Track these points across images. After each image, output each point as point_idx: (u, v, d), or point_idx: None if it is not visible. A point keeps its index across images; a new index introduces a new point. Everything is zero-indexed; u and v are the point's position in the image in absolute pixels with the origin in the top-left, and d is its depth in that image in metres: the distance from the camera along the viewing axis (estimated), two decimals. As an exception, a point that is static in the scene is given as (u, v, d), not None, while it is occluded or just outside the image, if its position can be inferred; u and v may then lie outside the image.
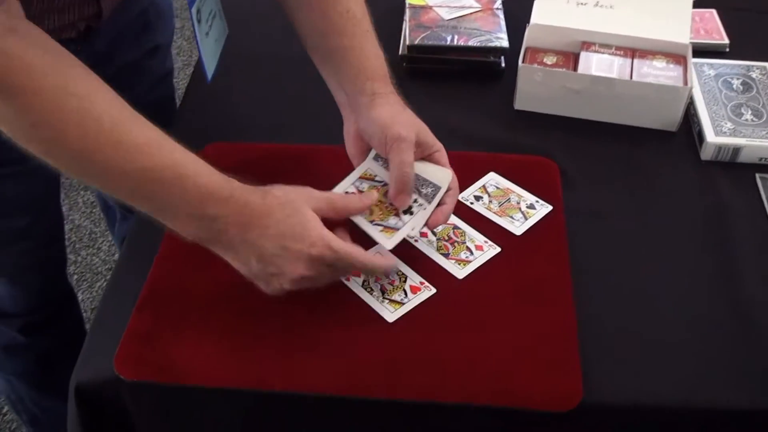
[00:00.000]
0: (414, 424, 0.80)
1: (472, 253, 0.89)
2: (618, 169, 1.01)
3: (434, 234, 0.91)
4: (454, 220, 0.92)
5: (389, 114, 0.84)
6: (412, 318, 0.82)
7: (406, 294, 0.85)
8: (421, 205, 0.84)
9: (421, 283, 0.86)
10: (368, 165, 0.86)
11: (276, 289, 0.78)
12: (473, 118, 1.07)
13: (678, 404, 0.77)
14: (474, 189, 0.96)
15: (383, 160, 0.87)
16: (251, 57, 1.17)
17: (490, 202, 0.95)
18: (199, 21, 0.91)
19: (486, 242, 0.90)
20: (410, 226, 0.79)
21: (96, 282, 1.82)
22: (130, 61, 1.02)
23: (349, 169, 0.94)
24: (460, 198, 0.95)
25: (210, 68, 0.96)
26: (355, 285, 0.85)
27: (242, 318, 0.82)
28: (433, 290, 0.85)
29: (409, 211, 0.84)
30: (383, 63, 0.88)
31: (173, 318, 0.82)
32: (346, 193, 0.85)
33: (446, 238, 0.91)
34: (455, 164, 0.98)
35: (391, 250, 0.84)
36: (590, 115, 1.07)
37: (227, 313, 0.83)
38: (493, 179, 0.98)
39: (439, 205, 0.85)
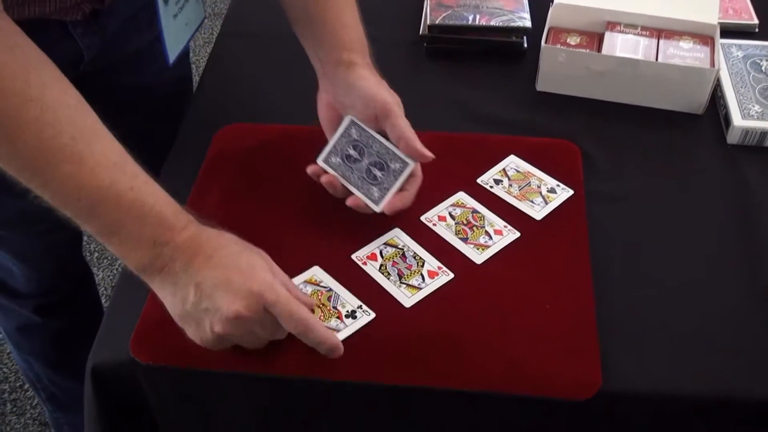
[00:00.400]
0: (430, 411, 0.80)
1: (490, 237, 0.88)
2: (641, 153, 1.00)
3: (453, 218, 0.90)
4: (473, 204, 0.92)
5: (373, 83, 0.87)
6: (429, 303, 0.82)
7: (423, 279, 0.84)
8: (384, 177, 0.85)
9: (439, 268, 0.85)
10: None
11: (204, 333, 0.72)
12: (494, 99, 1.06)
13: (699, 394, 0.76)
14: (494, 172, 0.95)
15: (359, 127, 0.88)
16: (270, 37, 1.17)
17: (510, 185, 0.94)
18: (165, 1, 0.90)
19: (505, 227, 0.89)
20: (350, 330, 0.79)
21: (116, 260, 1.82)
22: (145, 44, 1.01)
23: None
24: (479, 181, 0.94)
25: (173, 52, 0.95)
26: (371, 269, 0.85)
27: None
28: (451, 275, 0.85)
29: (374, 177, 0.86)
30: (362, 35, 0.89)
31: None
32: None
33: (465, 222, 0.90)
34: (475, 146, 0.98)
35: (405, 232, 0.83)
36: (614, 98, 1.06)
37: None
38: (513, 162, 0.97)
39: (400, 191, 0.86)
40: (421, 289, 0.83)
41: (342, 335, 0.78)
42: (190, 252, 0.72)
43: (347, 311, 0.81)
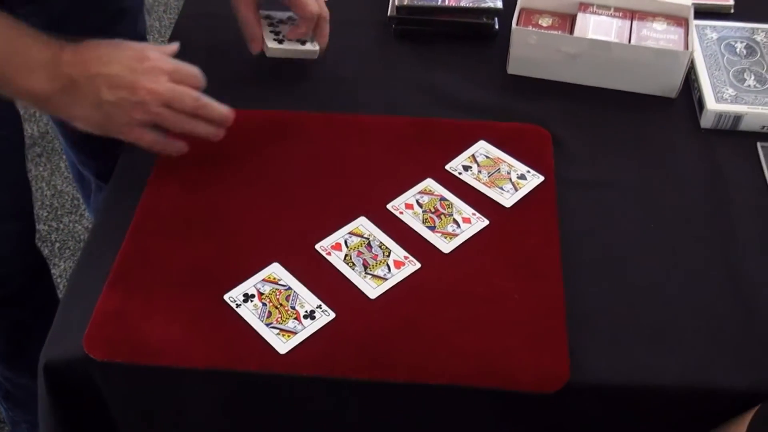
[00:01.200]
0: (396, 406, 0.79)
1: (459, 225, 0.87)
2: (614, 138, 0.99)
3: (420, 206, 0.89)
4: (441, 191, 0.91)
5: None
6: (395, 294, 0.81)
7: (389, 269, 0.83)
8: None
9: (405, 258, 0.84)
10: None
11: (130, 123, 0.82)
12: (464, 83, 1.05)
13: (669, 386, 0.76)
14: (463, 158, 0.94)
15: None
16: (233, 18, 1.14)
17: (479, 172, 0.93)
18: None
19: (474, 215, 0.88)
20: (307, 332, 0.78)
21: (78, 251, 1.80)
22: (94, 26, 0.99)
23: (338, 133, 0.96)
24: (447, 168, 0.93)
25: None
26: (336, 259, 0.84)
27: (215, 296, 0.81)
28: (418, 265, 0.84)
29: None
30: None
31: (146, 294, 0.81)
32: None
33: (432, 210, 0.89)
34: (443, 132, 0.97)
35: (371, 221, 0.84)
36: (586, 81, 1.04)
37: (203, 290, 0.81)
38: (482, 148, 0.96)
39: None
40: (386, 279, 0.82)
41: (299, 337, 0.77)
42: (81, 61, 0.80)
43: (306, 311, 0.79)
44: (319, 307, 0.80)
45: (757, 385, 0.76)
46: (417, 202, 0.90)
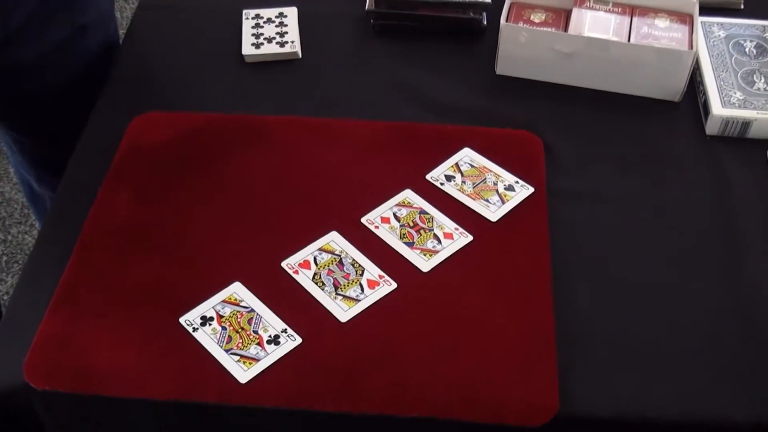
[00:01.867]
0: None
1: (440, 242, 0.87)
2: (611, 145, 0.99)
3: (397, 220, 0.89)
4: (421, 203, 0.91)
5: None
6: (368, 317, 0.81)
7: (362, 289, 0.83)
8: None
9: (380, 277, 0.84)
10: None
11: None
12: (448, 84, 1.06)
13: (667, 420, 0.76)
14: (445, 167, 0.95)
15: None
16: (191, 9, 1.15)
17: (463, 182, 0.93)
18: None
19: (456, 230, 0.89)
20: (271, 359, 0.78)
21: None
22: (53, 42, 1.00)
23: (309, 138, 0.97)
24: (428, 177, 0.93)
25: None
26: (303, 278, 0.84)
27: (170, 319, 0.80)
28: (394, 285, 0.84)
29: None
30: None
31: (93, 316, 0.80)
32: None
33: (411, 224, 0.89)
34: (424, 138, 0.98)
35: (343, 236, 0.84)
36: (582, 82, 1.05)
37: (156, 311, 0.81)
38: (467, 156, 0.96)
39: None
40: (359, 301, 0.82)
41: (262, 365, 0.77)
42: None
43: (270, 336, 0.79)
44: (285, 331, 0.80)
45: (760, 417, 0.76)
46: (394, 215, 0.90)
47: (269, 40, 1.08)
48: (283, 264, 0.85)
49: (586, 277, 0.86)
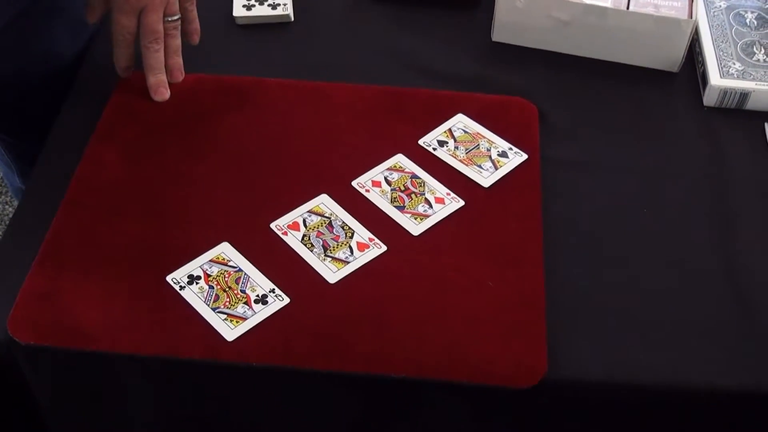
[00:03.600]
0: (355, 400, 0.82)
1: (431, 206, 0.90)
2: (607, 114, 1.02)
3: (389, 183, 0.92)
4: (412, 168, 0.94)
5: None
6: (357, 279, 0.84)
7: (351, 251, 0.86)
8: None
9: (370, 240, 0.87)
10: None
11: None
12: (443, 50, 1.08)
13: (654, 384, 0.79)
14: (438, 132, 0.97)
15: None
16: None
17: (456, 148, 0.96)
18: None
19: (448, 194, 0.91)
20: (258, 318, 0.80)
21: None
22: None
23: (301, 101, 0.98)
24: (421, 142, 0.96)
25: None
26: (292, 240, 0.86)
27: (157, 277, 0.83)
28: (384, 248, 0.86)
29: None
30: None
31: (79, 273, 0.83)
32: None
33: (402, 188, 0.92)
34: (417, 103, 1.00)
35: (333, 199, 0.87)
36: (579, 51, 1.08)
37: (143, 269, 0.84)
38: (460, 122, 0.99)
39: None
40: (348, 263, 0.85)
41: (249, 324, 0.80)
42: None
43: (257, 296, 0.82)
44: (273, 291, 0.83)
45: (751, 386, 0.79)
46: (385, 179, 0.92)
47: (261, 1, 1.10)
48: (272, 225, 0.88)
49: (578, 244, 0.89)
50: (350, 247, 0.86)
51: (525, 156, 0.95)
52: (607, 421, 0.82)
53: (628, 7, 1.06)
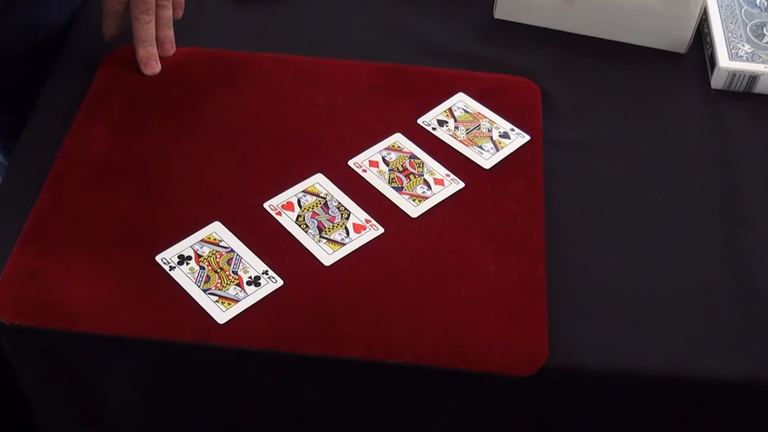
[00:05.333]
0: (350, 386, 0.82)
1: (430, 187, 0.90)
2: (612, 96, 1.02)
3: (386, 164, 0.92)
4: (411, 148, 0.94)
5: None
6: (353, 262, 0.84)
7: (347, 233, 0.86)
8: None
9: (367, 221, 0.87)
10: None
11: None
12: (443, 26, 1.08)
13: (658, 373, 0.80)
14: (438, 112, 0.97)
15: None
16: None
17: (456, 128, 0.96)
18: None
19: (448, 176, 0.92)
20: (251, 300, 0.81)
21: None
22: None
23: (296, 77, 0.98)
24: (420, 122, 0.96)
25: None
26: (286, 220, 0.87)
27: (146, 256, 0.83)
28: (381, 230, 0.87)
29: None
30: None
31: (66, 251, 0.83)
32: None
33: (400, 168, 0.92)
34: (417, 81, 1.00)
35: (329, 178, 0.87)
36: (584, 30, 1.08)
37: (132, 248, 0.84)
38: (461, 101, 0.99)
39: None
40: (344, 245, 0.85)
41: (241, 306, 0.80)
42: None
43: (250, 277, 0.82)
44: (266, 273, 0.83)
45: (754, 376, 0.80)
46: (383, 159, 0.93)
47: (255, -27, 1.10)
48: (266, 205, 0.88)
49: (581, 228, 0.89)
50: (346, 229, 0.86)
51: (527, 137, 0.95)
52: (609, 410, 0.83)
53: (635, -15, 1.06)
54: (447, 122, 0.96)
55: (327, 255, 0.84)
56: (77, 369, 0.84)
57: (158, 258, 0.83)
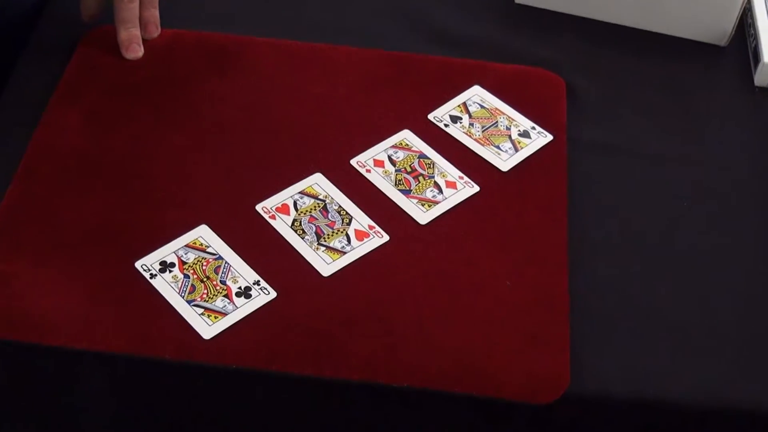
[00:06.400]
0: (349, 411, 0.82)
1: (441, 191, 0.90)
2: (644, 91, 1.02)
3: (393, 163, 0.91)
4: (421, 146, 0.93)
5: None
6: (355, 272, 0.83)
7: (349, 240, 0.85)
8: None
9: (371, 228, 0.87)
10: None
11: None
12: (459, 12, 1.08)
13: (692, 402, 0.79)
14: (451, 107, 0.97)
15: None
16: None
17: (471, 125, 0.95)
18: None
19: (461, 178, 0.91)
20: (241, 313, 0.80)
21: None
22: None
23: (293, 65, 0.98)
24: (431, 117, 0.95)
25: None
26: (281, 225, 0.86)
27: (124, 262, 0.82)
28: (386, 237, 0.86)
29: None
30: None
31: (35, 256, 0.82)
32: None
33: (408, 169, 0.91)
34: (428, 72, 1.00)
35: (329, 179, 0.86)
36: (614, 18, 1.07)
37: (109, 254, 0.83)
38: (477, 95, 0.98)
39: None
40: (345, 253, 0.84)
41: (229, 320, 0.79)
42: None
43: (239, 288, 0.81)
44: (257, 283, 0.82)
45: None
46: (389, 158, 0.92)
47: (250, -51, 1.09)
48: (258, 207, 0.87)
49: (607, 239, 0.88)
50: (347, 235, 0.86)
51: (550, 137, 0.95)
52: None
53: (671, -30, 1.05)
54: (461, 118, 0.96)
55: (325, 264, 0.84)
56: (46, 386, 0.83)
57: (138, 264, 0.82)
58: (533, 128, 0.95)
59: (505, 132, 0.95)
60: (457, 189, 0.90)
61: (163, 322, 0.79)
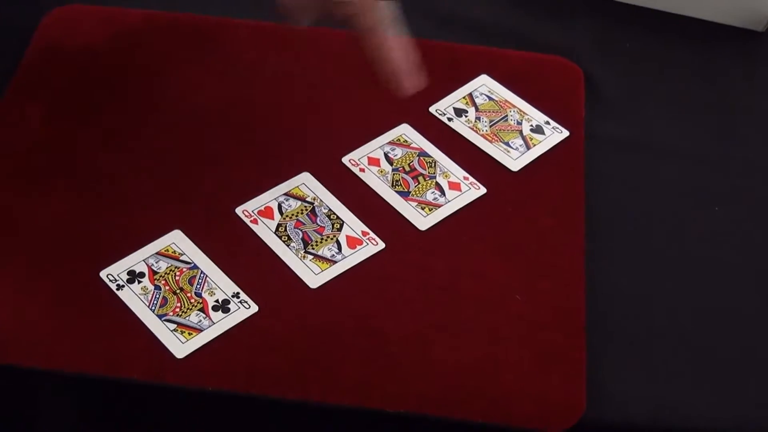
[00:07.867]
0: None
1: (443, 193, 0.90)
2: (671, 83, 1.02)
3: (390, 162, 0.92)
4: (421, 142, 0.93)
5: None
6: (346, 284, 0.84)
7: (339, 248, 0.86)
8: None
9: (364, 234, 0.87)
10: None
11: None
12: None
13: (719, 430, 0.79)
14: (455, 98, 0.97)
15: None
16: None
17: (478, 119, 0.96)
18: None
19: (466, 179, 0.91)
20: (217, 330, 0.80)
21: None
22: None
23: (278, 51, 0.98)
24: (432, 110, 0.96)
25: None
26: (263, 230, 0.86)
27: (88, 272, 0.83)
28: (382, 245, 0.86)
29: None
30: None
31: (-9, 266, 0.83)
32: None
33: (407, 168, 0.92)
34: (432, 59, 0.99)
35: (318, 179, 0.86)
36: (638, 0, 1.08)
37: (70, 262, 0.83)
38: (485, 85, 0.99)
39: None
40: (335, 262, 0.85)
41: (205, 337, 0.80)
42: None
43: (216, 301, 0.82)
44: (236, 296, 0.83)
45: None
46: (386, 156, 0.92)
47: None
48: (238, 210, 0.87)
49: (629, 248, 0.89)
50: (338, 243, 0.86)
51: (566, 133, 0.95)
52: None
53: (703, -54, 1.06)
54: (466, 111, 0.96)
55: (313, 275, 0.84)
56: (5, 409, 0.83)
57: (103, 274, 0.83)
58: (547, 123, 0.96)
59: (515, 127, 0.95)
60: (462, 191, 0.90)
61: (130, 339, 0.79)
